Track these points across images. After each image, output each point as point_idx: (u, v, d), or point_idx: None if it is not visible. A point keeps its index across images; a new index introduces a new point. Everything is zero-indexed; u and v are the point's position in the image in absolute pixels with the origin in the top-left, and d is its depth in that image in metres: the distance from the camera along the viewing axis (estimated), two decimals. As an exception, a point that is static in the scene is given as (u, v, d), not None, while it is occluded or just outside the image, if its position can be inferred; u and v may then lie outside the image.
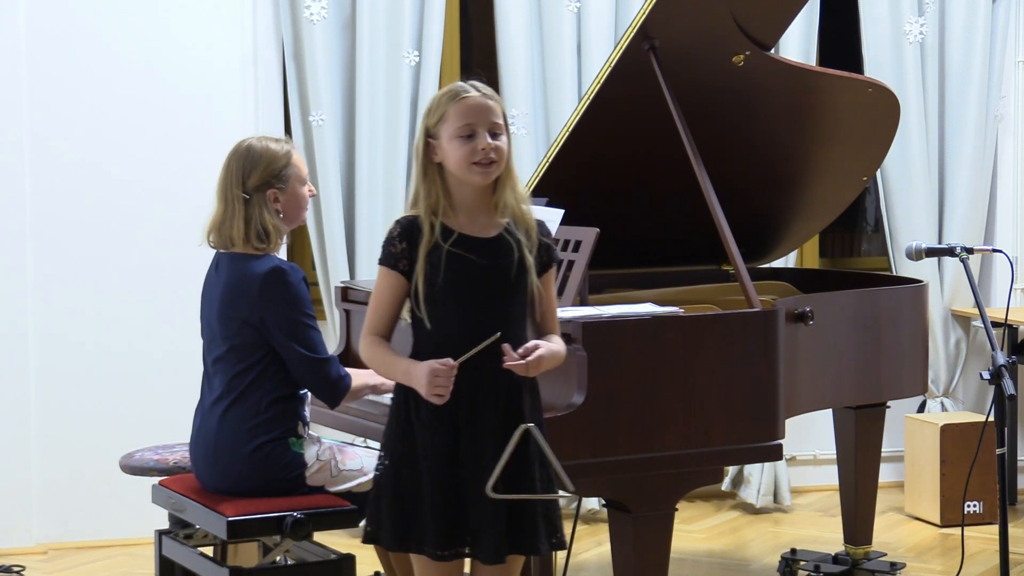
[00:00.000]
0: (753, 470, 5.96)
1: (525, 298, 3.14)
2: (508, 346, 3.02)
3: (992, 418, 3.76)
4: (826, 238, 6.52)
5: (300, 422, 3.72)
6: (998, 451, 3.66)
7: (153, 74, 5.46)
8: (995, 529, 4.95)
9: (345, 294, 4.54)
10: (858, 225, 6.89)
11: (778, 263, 5.31)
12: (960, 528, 5.01)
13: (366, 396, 3.83)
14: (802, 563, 4.99)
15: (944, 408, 6.14)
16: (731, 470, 6.02)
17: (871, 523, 4.93)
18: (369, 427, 3.96)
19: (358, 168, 5.59)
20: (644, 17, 4.14)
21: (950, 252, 3.87)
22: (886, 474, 5.87)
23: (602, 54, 5.54)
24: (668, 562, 3.75)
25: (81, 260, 5.43)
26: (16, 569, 5.12)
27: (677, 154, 4.15)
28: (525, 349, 3.04)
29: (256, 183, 3.69)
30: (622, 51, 4.19)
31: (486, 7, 5.80)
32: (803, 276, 5.13)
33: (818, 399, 4.37)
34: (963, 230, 6.08)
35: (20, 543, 5.40)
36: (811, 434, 6.01)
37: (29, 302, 5.39)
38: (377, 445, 3.34)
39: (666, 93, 4.16)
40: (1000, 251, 4.01)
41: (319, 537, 3.71)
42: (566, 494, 3.07)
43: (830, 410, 4.82)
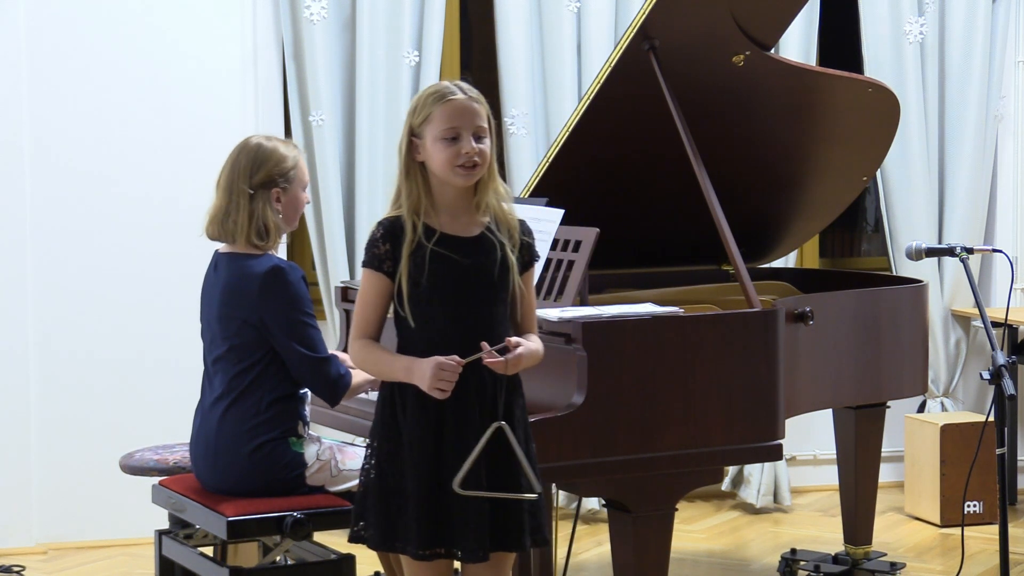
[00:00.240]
0: (753, 470, 5.95)
1: (508, 296, 3.15)
2: (485, 343, 3.04)
3: (992, 418, 3.75)
4: (826, 238, 6.52)
5: (300, 422, 3.72)
6: (998, 451, 3.66)
7: (153, 75, 5.45)
8: (995, 529, 4.95)
9: (345, 294, 4.54)
10: (858, 225, 6.89)
11: (778, 263, 5.31)
12: (960, 528, 5.01)
13: (366, 393, 3.82)
14: (802, 563, 4.99)
15: (944, 408, 6.14)
16: (731, 470, 6.02)
17: (871, 523, 4.93)
18: (368, 427, 3.94)
19: (358, 168, 5.59)
20: (644, 17, 4.14)
21: (950, 252, 3.87)
22: (886, 474, 5.87)
23: (602, 54, 5.54)
24: (668, 562, 3.74)
25: (83, 254, 5.42)
26: (16, 569, 5.12)
27: (677, 154, 4.14)
28: (508, 342, 3.04)
29: (262, 180, 3.69)
30: (622, 51, 4.19)
31: (486, 7, 5.80)
32: (803, 276, 5.13)
33: (818, 399, 4.37)
34: (963, 230, 6.08)
35: (20, 543, 5.40)
36: (811, 434, 6.01)
37: (29, 304, 5.38)
38: (377, 445, 3.35)
39: (666, 93, 4.15)
40: (1000, 251, 4.01)
41: (319, 537, 3.71)
42: (531, 495, 3.07)
43: (830, 410, 4.82)
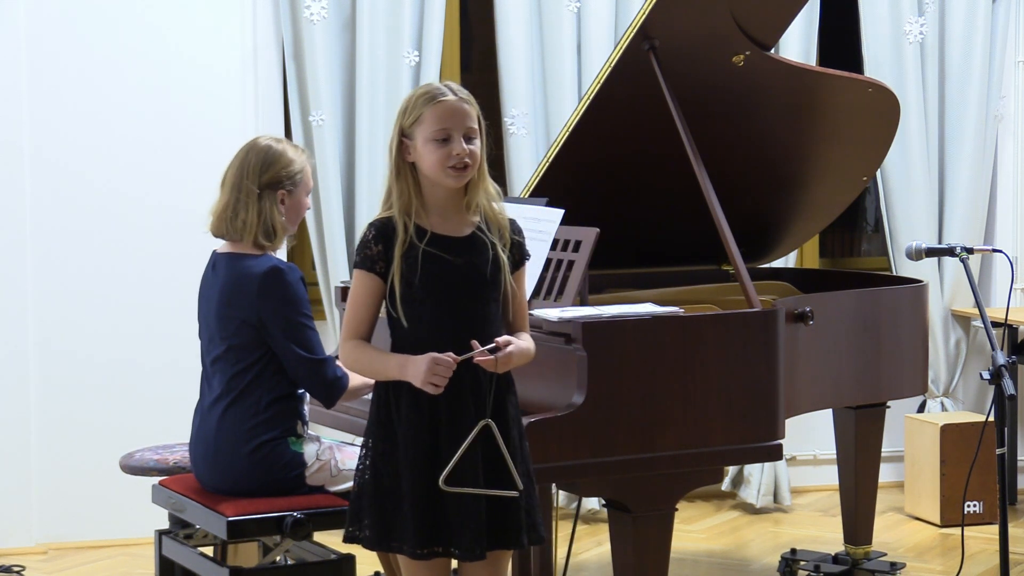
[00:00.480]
0: (753, 470, 5.95)
1: (500, 296, 3.16)
2: (476, 342, 3.04)
3: (992, 418, 3.75)
4: (826, 238, 6.52)
5: (299, 421, 3.72)
6: (998, 451, 3.66)
7: (153, 76, 5.44)
8: (995, 529, 4.95)
9: (345, 294, 4.53)
10: (858, 225, 6.89)
11: (778, 263, 5.31)
12: (960, 528, 5.01)
13: (365, 395, 3.82)
14: (802, 563, 4.99)
15: (944, 408, 6.13)
16: (731, 470, 6.01)
17: (871, 523, 4.93)
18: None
19: (358, 168, 5.58)
20: (644, 17, 4.14)
21: (950, 252, 3.86)
22: (886, 474, 5.87)
23: (602, 54, 5.54)
24: (668, 562, 3.74)
25: (83, 254, 5.43)
26: (16, 569, 5.12)
27: (677, 154, 4.14)
28: (497, 343, 3.05)
29: (269, 180, 3.69)
30: (622, 51, 4.19)
31: (486, 7, 5.80)
32: (803, 276, 5.13)
33: (818, 399, 4.37)
34: (963, 230, 6.08)
35: (20, 543, 5.40)
36: (811, 434, 6.01)
37: (29, 304, 5.38)
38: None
39: (666, 93, 4.15)
40: (1000, 251, 4.00)
41: (319, 537, 3.71)
42: (512, 492, 3.08)
43: (830, 410, 4.82)
